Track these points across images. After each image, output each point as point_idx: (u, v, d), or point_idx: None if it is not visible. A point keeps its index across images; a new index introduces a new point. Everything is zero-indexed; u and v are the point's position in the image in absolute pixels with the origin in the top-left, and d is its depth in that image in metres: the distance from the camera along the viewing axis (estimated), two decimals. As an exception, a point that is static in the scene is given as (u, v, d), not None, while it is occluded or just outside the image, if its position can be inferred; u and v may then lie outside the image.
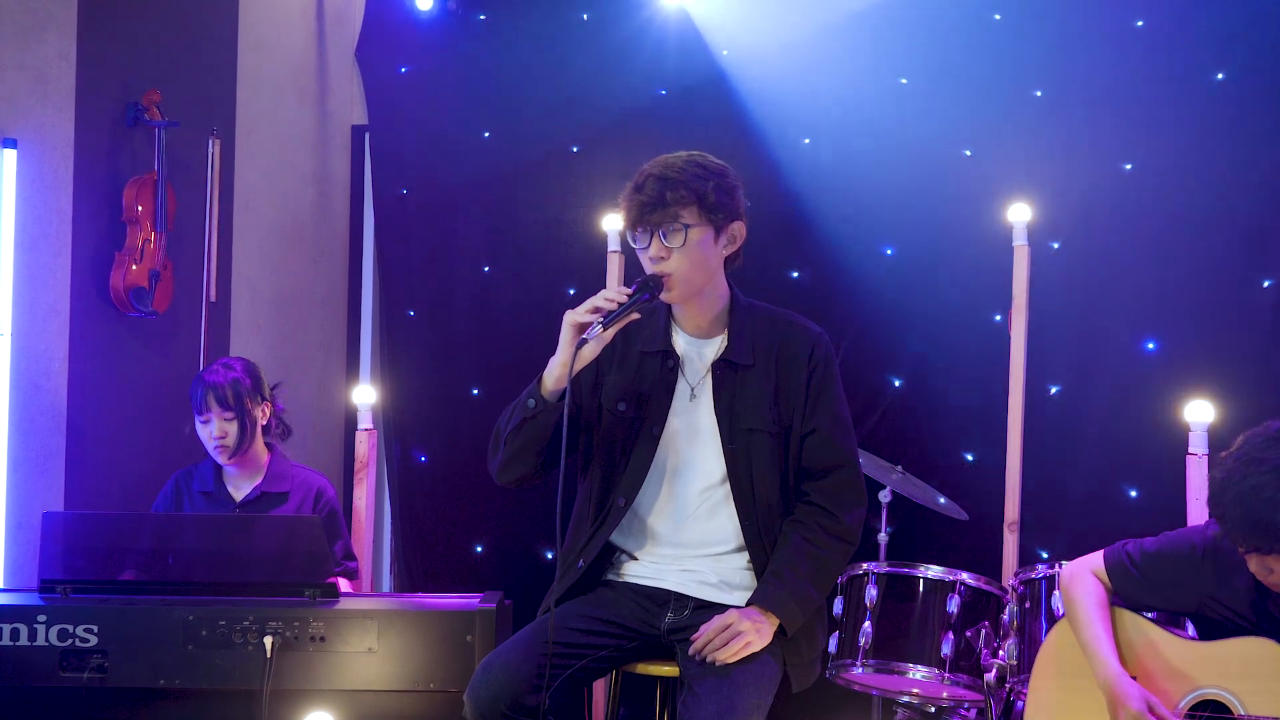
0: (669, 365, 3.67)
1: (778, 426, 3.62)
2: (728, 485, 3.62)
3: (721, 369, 3.64)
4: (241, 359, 4.83)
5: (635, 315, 3.53)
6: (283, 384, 4.97)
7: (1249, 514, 3.23)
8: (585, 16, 6.36)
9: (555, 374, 3.52)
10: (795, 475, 3.65)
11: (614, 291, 3.52)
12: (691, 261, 3.54)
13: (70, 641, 3.87)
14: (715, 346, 3.68)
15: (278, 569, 4.07)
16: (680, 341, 3.70)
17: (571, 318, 3.50)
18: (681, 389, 3.67)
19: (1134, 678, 3.49)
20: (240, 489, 4.79)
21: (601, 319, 3.46)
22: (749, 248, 3.69)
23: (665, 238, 3.52)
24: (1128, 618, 3.60)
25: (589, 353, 3.49)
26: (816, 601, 3.61)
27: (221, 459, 4.71)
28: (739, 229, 3.63)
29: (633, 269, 5.10)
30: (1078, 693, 3.61)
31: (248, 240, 5.88)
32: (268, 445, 4.83)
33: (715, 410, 3.63)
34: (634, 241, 3.60)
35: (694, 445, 3.65)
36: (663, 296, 3.58)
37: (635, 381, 3.67)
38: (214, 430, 4.68)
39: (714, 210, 3.54)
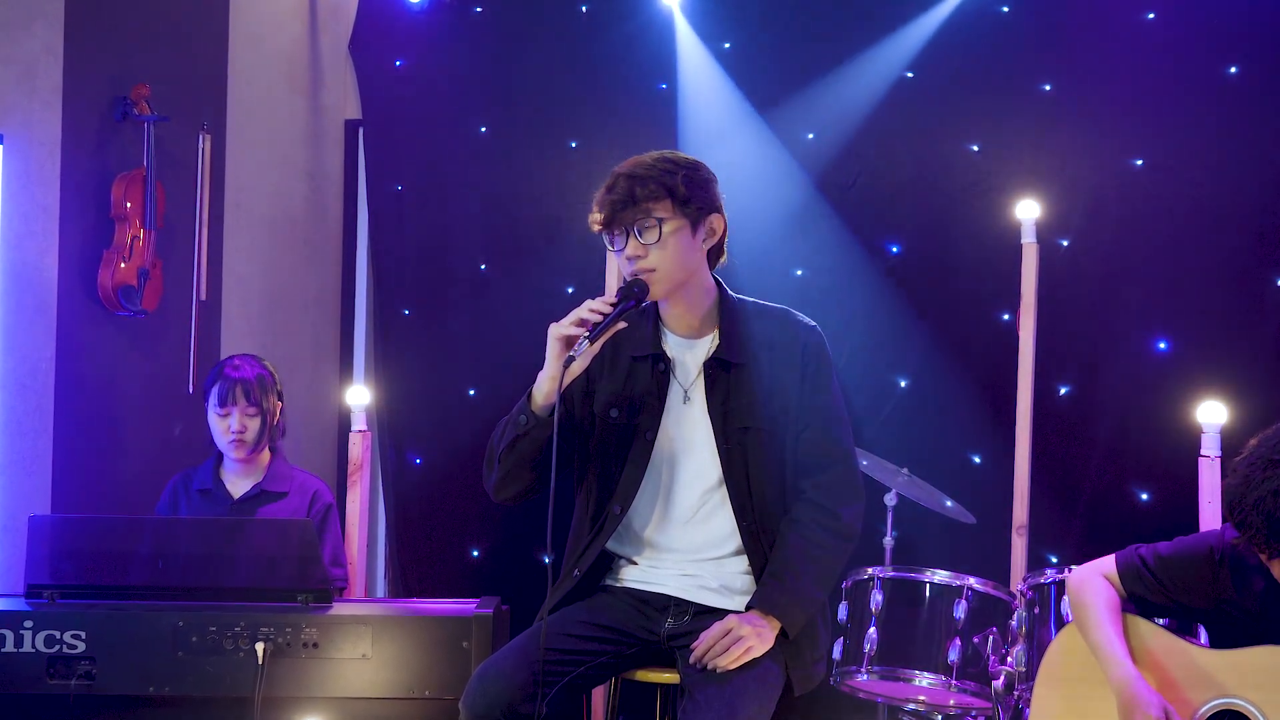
0: (659, 369, 3.63)
1: (773, 424, 3.59)
2: (724, 487, 3.59)
3: (714, 368, 3.61)
4: (256, 357, 4.83)
5: (622, 324, 3.51)
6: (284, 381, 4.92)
7: (1273, 518, 3.20)
8: (584, 9, 6.32)
9: (544, 389, 3.50)
10: (792, 473, 3.62)
11: (598, 302, 3.49)
12: (670, 256, 3.51)
13: (57, 648, 3.89)
14: (706, 346, 3.65)
15: (270, 573, 4.08)
16: (670, 344, 3.67)
17: (556, 331, 3.47)
18: (674, 392, 3.63)
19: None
20: (239, 486, 4.75)
21: (588, 332, 3.43)
22: (751, 244, 3.65)
23: (640, 234, 3.50)
24: (1142, 624, 3.56)
25: (577, 367, 3.47)
26: (818, 602, 3.58)
27: (237, 454, 4.68)
28: (717, 222, 3.61)
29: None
30: (1084, 700, 3.57)
31: (239, 237, 5.86)
32: (270, 446, 4.79)
33: (709, 411, 3.60)
34: (610, 244, 3.58)
35: (689, 448, 3.62)
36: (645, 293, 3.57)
37: (626, 387, 3.64)
38: (234, 424, 4.65)
39: (686, 203, 3.52)
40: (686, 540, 3.61)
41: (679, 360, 3.65)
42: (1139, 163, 5.55)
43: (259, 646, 3.86)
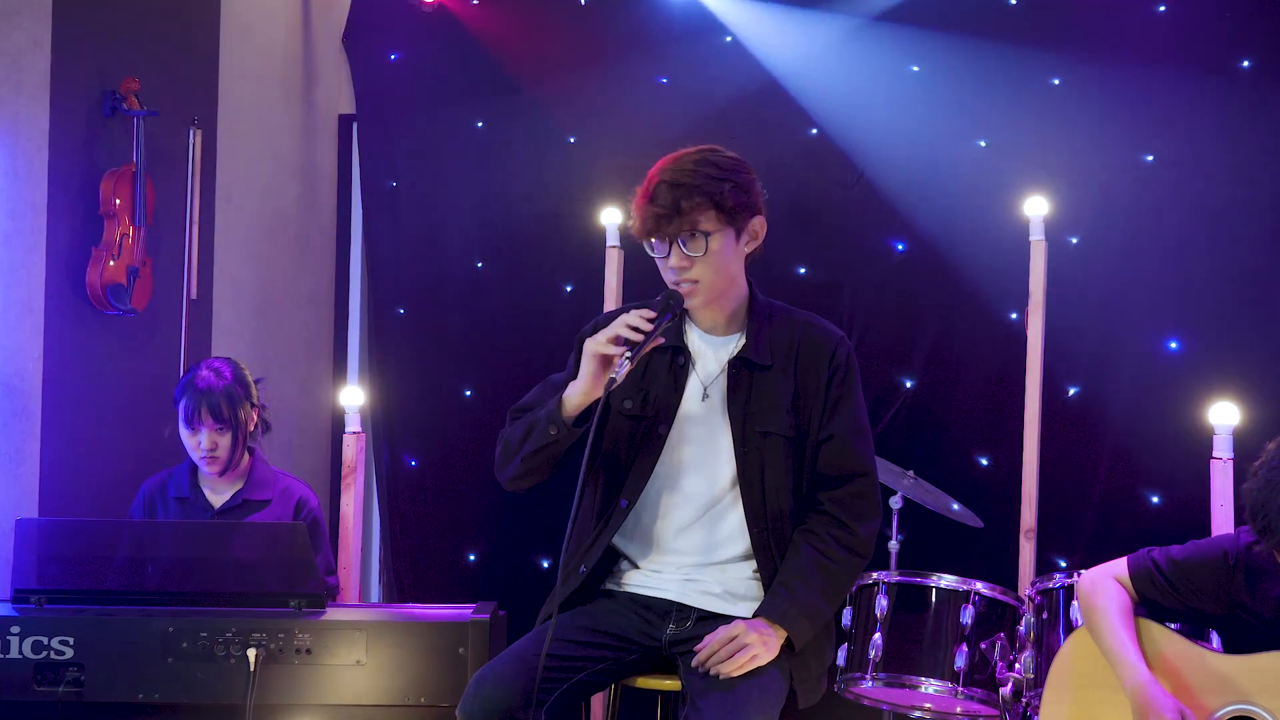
0: (679, 363, 3.59)
1: (794, 431, 3.54)
2: (737, 489, 3.54)
3: (738, 368, 3.56)
4: (228, 361, 4.71)
5: (660, 340, 3.46)
6: (264, 379, 4.84)
7: None
8: (583, 1, 6.26)
9: (576, 402, 3.45)
10: (808, 482, 3.57)
11: (636, 317, 3.42)
12: (715, 267, 3.46)
13: (45, 654, 3.89)
14: (732, 345, 3.60)
15: (262, 578, 4.05)
16: (694, 338, 3.62)
17: (593, 348, 3.41)
18: (693, 388, 3.58)
19: (1162, 689, 3.44)
20: (219, 494, 4.66)
21: (628, 353, 3.37)
22: (753, 243, 3.57)
23: (685, 246, 3.43)
24: (1154, 628, 3.55)
25: (615, 385, 3.40)
26: (826, 615, 3.54)
27: (211, 469, 4.59)
28: (759, 224, 3.54)
29: (631, 265, 5.01)
30: (1094, 706, 3.55)
31: (230, 235, 5.82)
32: (249, 449, 4.70)
33: (729, 411, 3.54)
34: (651, 250, 3.50)
35: (704, 447, 3.57)
36: (685, 304, 3.52)
37: (643, 379, 3.59)
38: (204, 442, 4.54)
39: (733, 212, 3.45)
40: (692, 541, 3.56)
41: (702, 356, 3.60)
42: (1150, 158, 5.53)
43: (251, 653, 3.83)
